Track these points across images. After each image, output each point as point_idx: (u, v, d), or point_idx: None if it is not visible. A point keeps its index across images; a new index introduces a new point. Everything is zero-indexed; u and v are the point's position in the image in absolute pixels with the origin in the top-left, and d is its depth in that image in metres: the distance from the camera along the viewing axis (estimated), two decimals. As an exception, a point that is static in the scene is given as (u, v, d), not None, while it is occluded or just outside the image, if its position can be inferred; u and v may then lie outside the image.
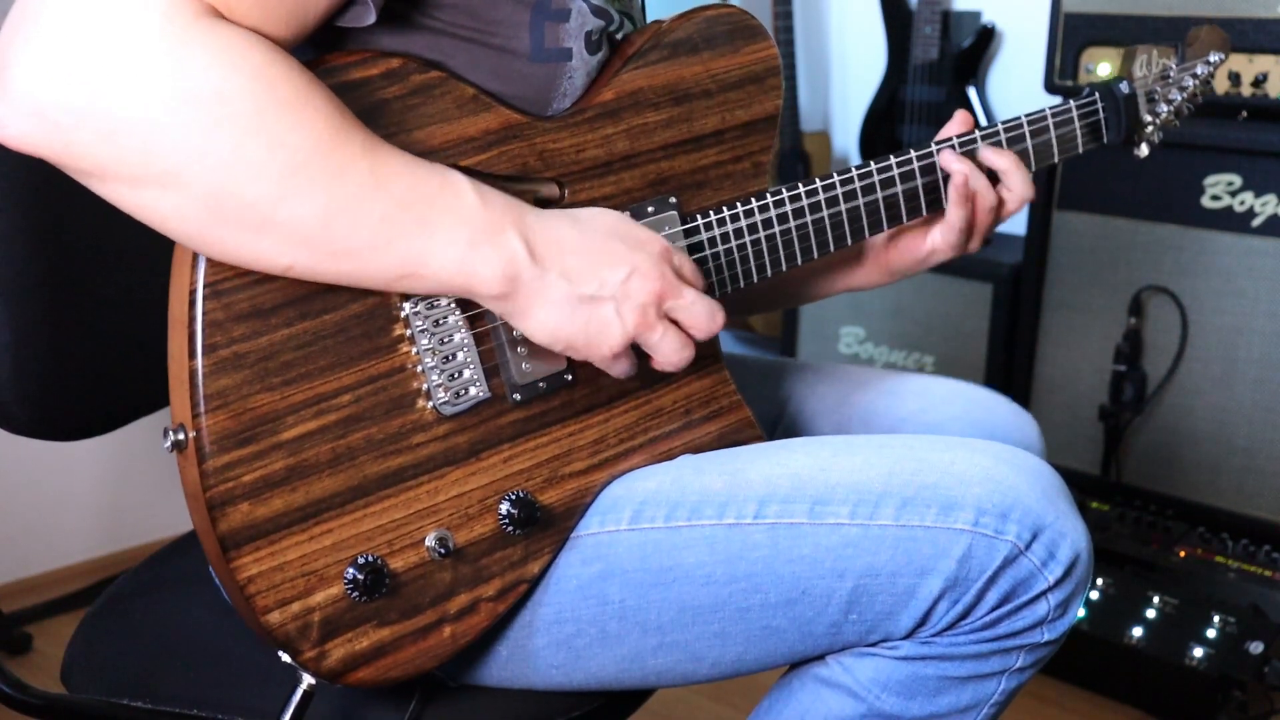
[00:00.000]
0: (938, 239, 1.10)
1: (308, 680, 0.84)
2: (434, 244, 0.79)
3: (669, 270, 0.88)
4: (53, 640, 2.11)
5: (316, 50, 0.90)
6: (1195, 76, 1.20)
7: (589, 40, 0.92)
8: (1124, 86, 1.16)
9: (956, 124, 1.10)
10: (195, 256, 0.79)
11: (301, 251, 0.77)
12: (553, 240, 0.84)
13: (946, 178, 1.07)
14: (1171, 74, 1.19)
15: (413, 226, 0.79)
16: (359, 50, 0.85)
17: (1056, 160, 1.14)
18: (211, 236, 0.76)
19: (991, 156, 1.08)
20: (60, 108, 0.70)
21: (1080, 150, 1.15)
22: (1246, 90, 1.96)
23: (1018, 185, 1.08)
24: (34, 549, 2.27)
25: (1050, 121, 1.12)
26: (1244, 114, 1.99)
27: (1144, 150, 1.21)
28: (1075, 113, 1.14)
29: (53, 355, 0.98)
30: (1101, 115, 1.16)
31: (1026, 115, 1.11)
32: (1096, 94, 1.16)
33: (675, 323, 0.89)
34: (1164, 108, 1.19)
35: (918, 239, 1.12)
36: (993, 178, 1.09)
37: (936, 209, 1.09)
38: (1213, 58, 1.20)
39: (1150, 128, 1.19)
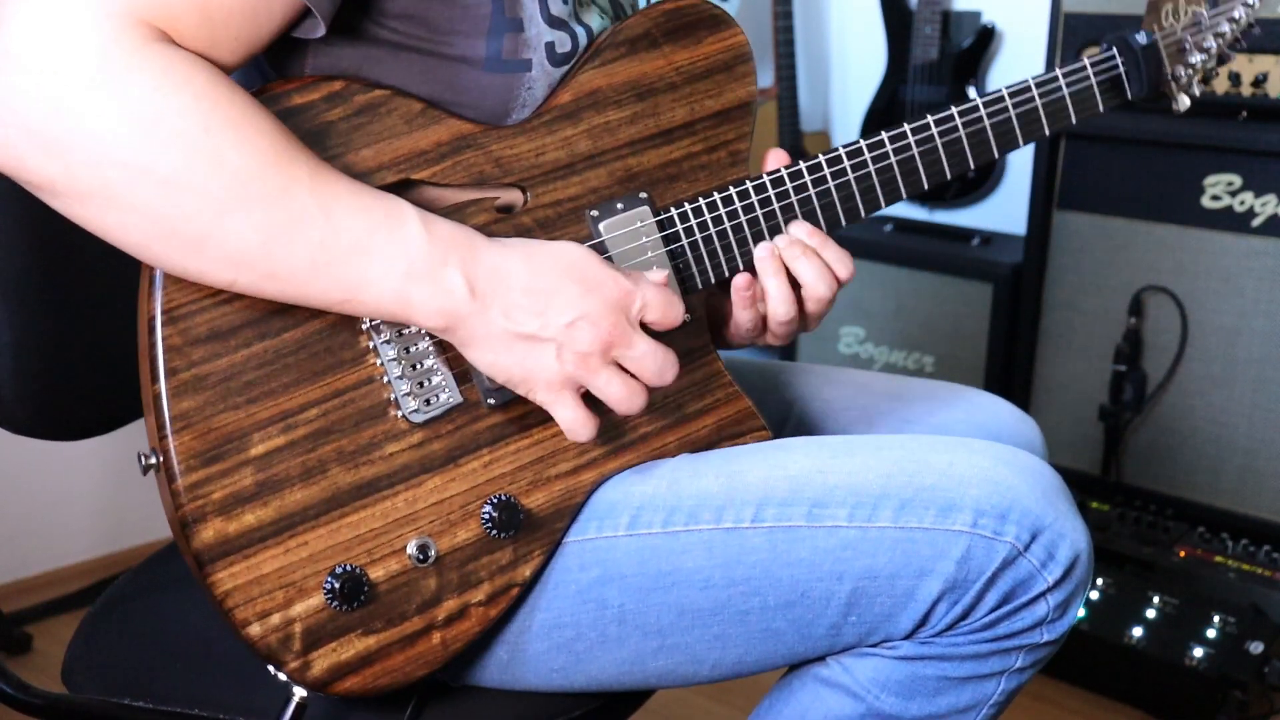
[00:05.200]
0: (729, 333, 1.04)
1: (299, 692, 0.84)
2: (370, 273, 0.79)
3: (623, 319, 0.85)
4: (53, 640, 2.11)
5: (269, 58, 0.91)
6: (1233, 21, 1.13)
7: (551, 52, 0.92)
8: (1141, 37, 1.10)
9: (773, 164, 1.01)
10: (151, 286, 0.81)
11: (241, 271, 0.78)
12: (498, 277, 0.83)
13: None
14: (1204, 20, 1.13)
15: (350, 254, 0.79)
16: (299, 77, 0.86)
17: (1074, 121, 1.08)
18: (156, 250, 0.77)
19: (802, 234, 0.99)
20: (11, 126, 0.72)
21: (1101, 109, 1.09)
22: (1246, 90, 1.96)
23: (810, 276, 0.98)
24: (34, 549, 2.27)
25: (1062, 81, 1.07)
26: (1244, 114, 1.99)
27: (1184, 102, 1.14)
28: (1090, 70, 1.08)
29: (53, 355, 0.98)
30: (1121, 69, 1.10)
31: (1034, 78, 1.06)
32: (1113, 48, 1.10)
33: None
34: (1198, 56, 1.12)
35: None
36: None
37: (939, 180, 1.05)
38: None
39: (1185, 78, 1.13)
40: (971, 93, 2.61)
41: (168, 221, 0.75)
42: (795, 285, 1.00)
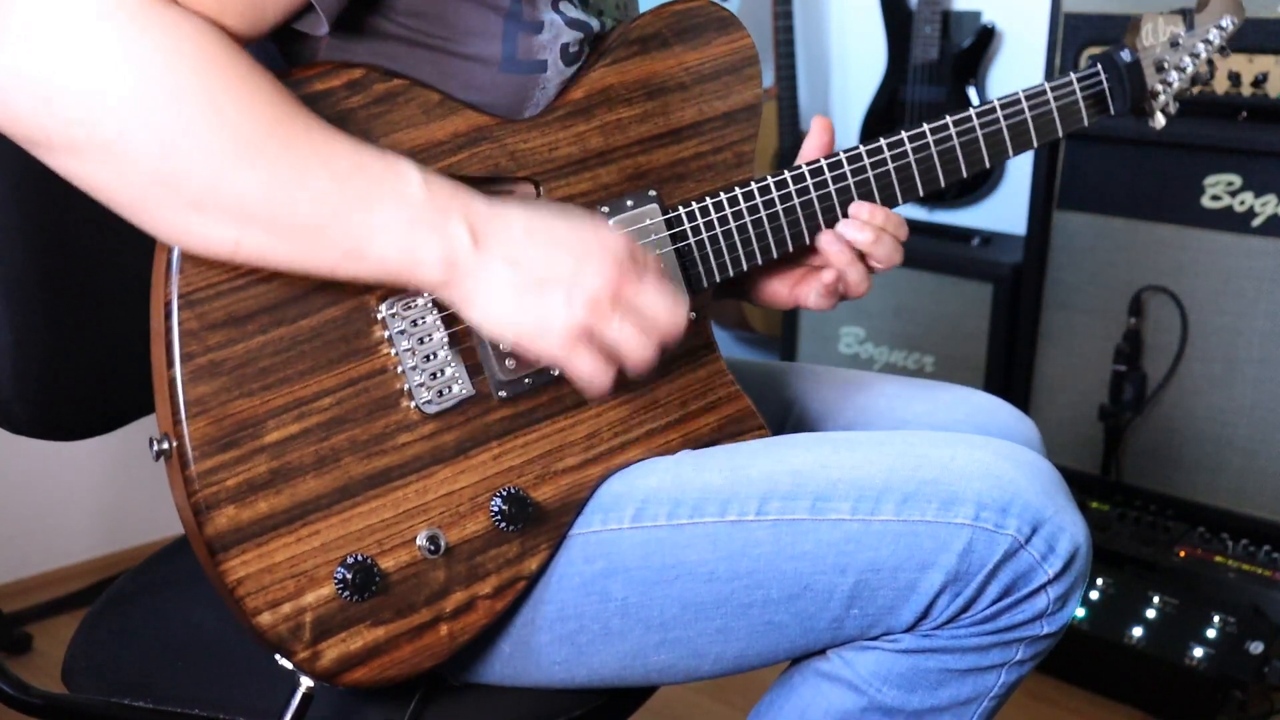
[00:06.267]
0: (799, 299, 1.07)
1: (306, 682, 0.84)
2: (373, 224, 0.79)
3: (629, 263, 0.84)
4: (53, 640, 2.11)
5: (286, 58, 0.91)
6: (1208, 42, 1.16)
7: (565, 52, 0.92)
8: (1125, 54, 1.13)
9: (817, 140, 1.05)
10: (168, 269, 0.80)
11: (244, 229, 0.77)
12: (500, 227, 0.82)
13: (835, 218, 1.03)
14: (1181, 40, 1.15)
15: (353, 204, 0.78)
16: (321, 63, 0.86)
17: (1060, 135, 1.11)
18: (152, 209, 0.77)
19: (864, 214, 1.03)
20: (10, 77, 0.72)
21: (1085, 123, 1.12)
22: (1246, 90, 1.96)
23: (884, 254, 1.03)
24: (34, 549, 2.27)
25: (1050, 95, 1.10)
26: (1244, 114, 1.99)
27: (1160, 121, 1.17)
28: (1076, 85, 1.11)
29: (53, 355, 0.98)
30: (1105, 85, 1.13)
31: (1024, 90, 1.09)
32: (1099, 64, 1.13)
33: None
34: (1175, 75, 1.15)
35: (783, 291, 1.09)
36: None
37: (934, 187, 1.06)
38: (1224, 22, 1.17)
39: (1163, 96, 1.16)
40: (971, 93, 2.61)
41: (169, 179, 0.75)
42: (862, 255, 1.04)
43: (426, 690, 0.93)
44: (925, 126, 1.05)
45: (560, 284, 0.82)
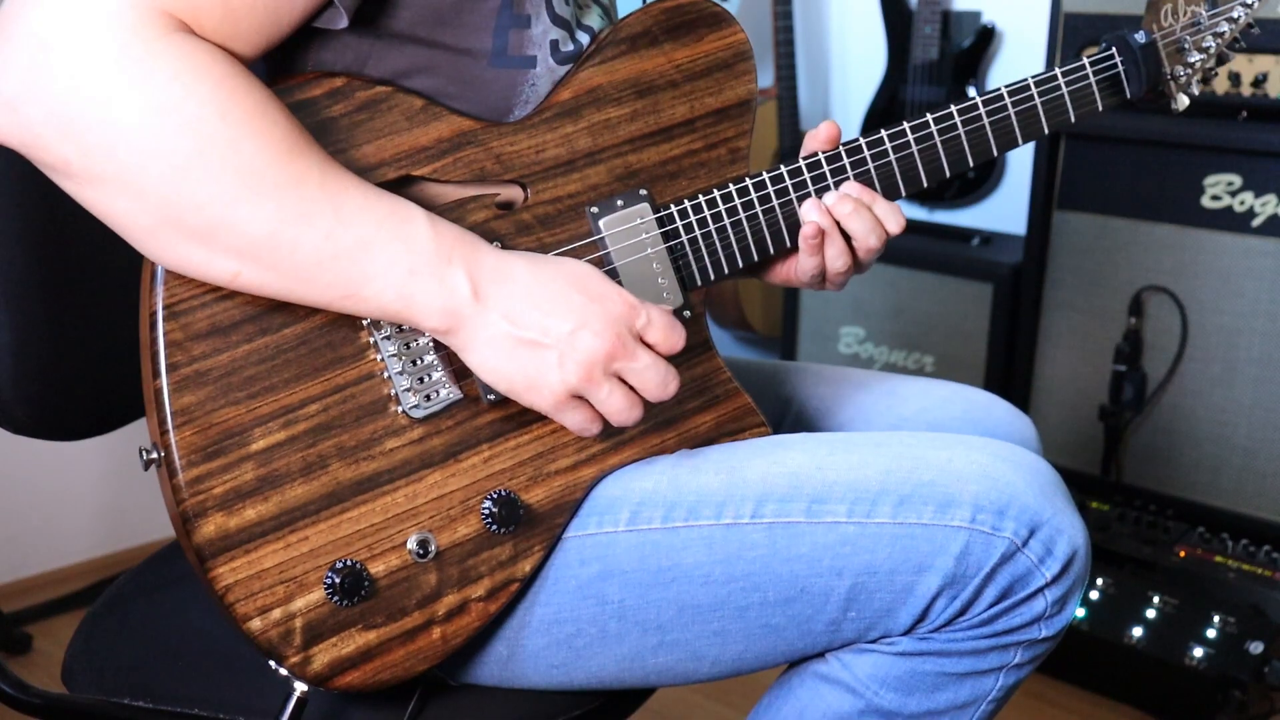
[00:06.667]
0: (792, 275, 1.07)
1: (300, 687, 0.84)
2: (374, 269, 0.80)
3: (625, 331, 0.85)
4: (53, 640, 2.11)
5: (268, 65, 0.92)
6: (1232, 21, 1.14)
7: (555, 49, 0.93)
8: (1140, 36, 1.10)
9: (821, 139, 1.03)
10: (153, 281, 0.81)
11: (246, 262, 0.78)
12: (501, 280, 0.83)
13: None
14: (1203, 20, 1.13)
15: (355, 249, 0.79)
16: (303, 68, 0.87)
17: (1073, 119, 1.08)
18: (162, 240, 0.78)
19: (853, 191, 1.01)
20: (30, 104, 0.74)
21: (1100, 107, 1.09)
22: (1246, 90, 1.96)
23: (860, 229, 1.01)
24: (34, 549, 2.27)
25: (1061, 80, 1.07)
26: (1244, 114, 1.99)
27: (1183, 101, 1.15)
28: (1090, 68, 1.08)
29: (53, 355, 0.98)
30: (1121, 69, 1.10)
31: (1033, 76, 1.06)
32: (1113, 47, 1.10)
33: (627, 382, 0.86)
34: (1196, 56, 1.13)
35: (783, 266, 1.08)
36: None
37: (939, 177, 1.05)
38: None
39: (1185, 78, 1.14)
40: (972, 93, 2.61)
41: (177, 209, 0.76)
42: (848, 237, 1.02)
43: (426, 690, 0.93)
44: (929, 117, 1.03)
45: (554, 346, 0.83)
